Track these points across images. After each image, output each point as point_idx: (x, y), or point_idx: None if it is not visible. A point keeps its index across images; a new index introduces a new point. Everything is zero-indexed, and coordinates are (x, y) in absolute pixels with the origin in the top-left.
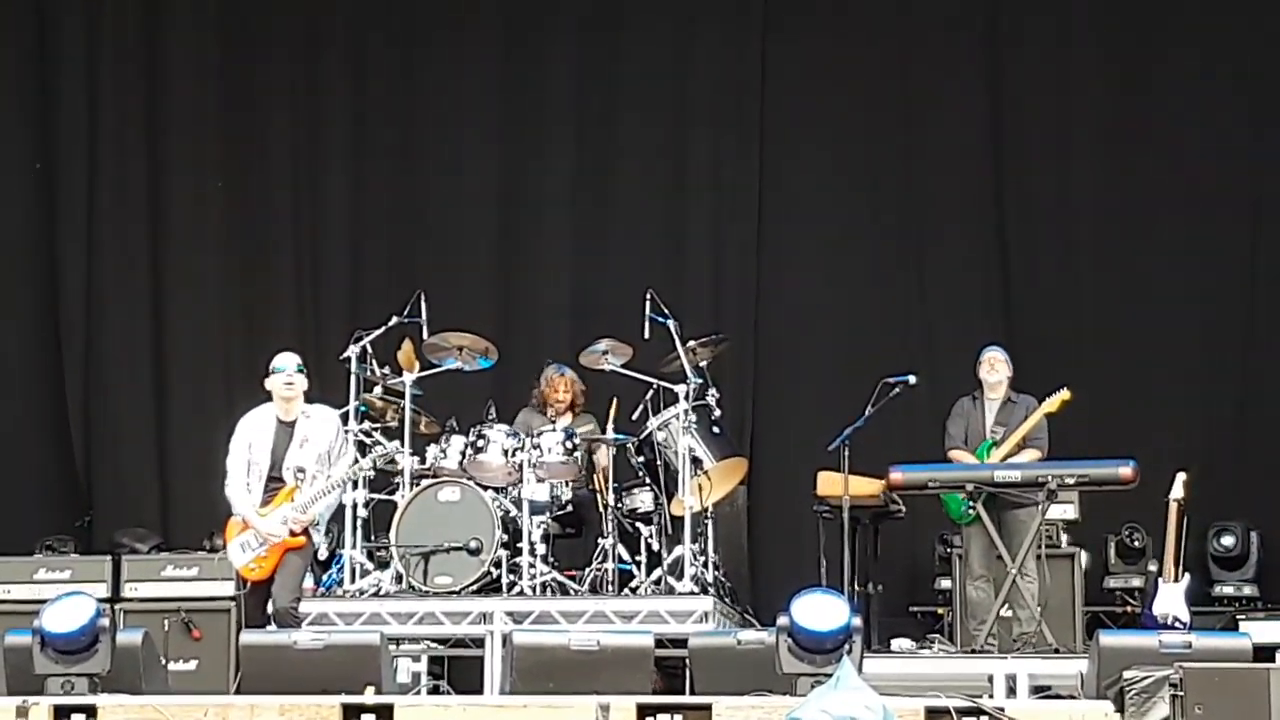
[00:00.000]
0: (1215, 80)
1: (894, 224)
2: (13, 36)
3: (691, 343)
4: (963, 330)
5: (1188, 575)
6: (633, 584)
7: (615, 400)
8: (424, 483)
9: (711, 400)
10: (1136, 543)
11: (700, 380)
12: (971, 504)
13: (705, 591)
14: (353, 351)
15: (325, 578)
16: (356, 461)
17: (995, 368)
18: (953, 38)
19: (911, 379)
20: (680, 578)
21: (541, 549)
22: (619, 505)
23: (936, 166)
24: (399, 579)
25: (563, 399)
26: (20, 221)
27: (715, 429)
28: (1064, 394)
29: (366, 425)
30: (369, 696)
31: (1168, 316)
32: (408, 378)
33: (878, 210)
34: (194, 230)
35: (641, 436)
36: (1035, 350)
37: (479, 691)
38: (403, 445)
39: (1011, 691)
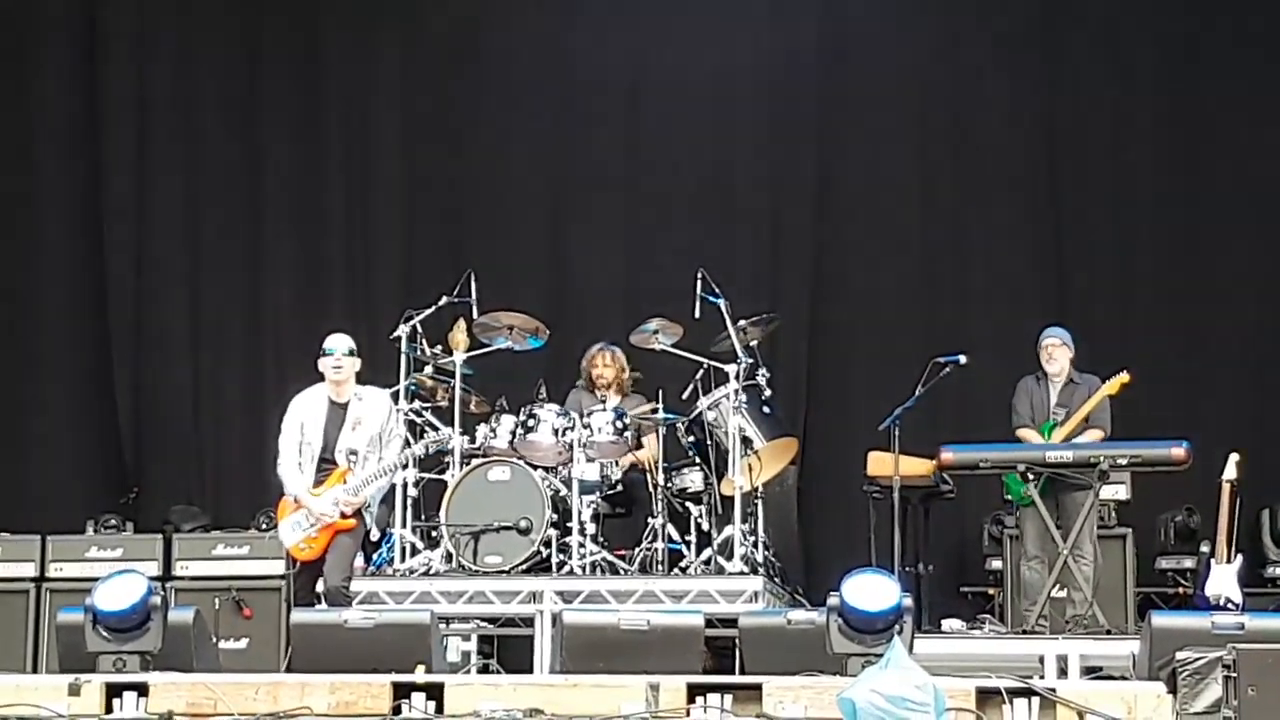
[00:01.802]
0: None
1: (948, 203)
2: (63, 20)
3: (742, 322)
4: (1015, 310)
5: (1240, 556)
6: (682, 564)
7: (631, 373)
8: (474, 462)
9: (762, 380)
10: (1189, 524)
11: (751, 360)
12: (1027, 485)
13: (755, 571)
14: (403, 331)
15: (376, 556)
16: (408, 445)
17: (1054, 356)
18: (1009, 21)
19: (962, 359)
20: (730, 557)
21: (591, 528)
22: (669, 485)
23: (991, 147)
24: (449, 558)
25: (604, 374)
26: (69, 199)
27: (765, 409)
28: (1123, 376)
29: (417, 405)
30: (419, 675)
31: (1221, 298)
32: (458, 357)
33: (932, 189)
34: (245, 209)
35: (691, 416)
36: (1089, 331)
37: (529, 670)
38: (453, 425)
39: (1063, 672)
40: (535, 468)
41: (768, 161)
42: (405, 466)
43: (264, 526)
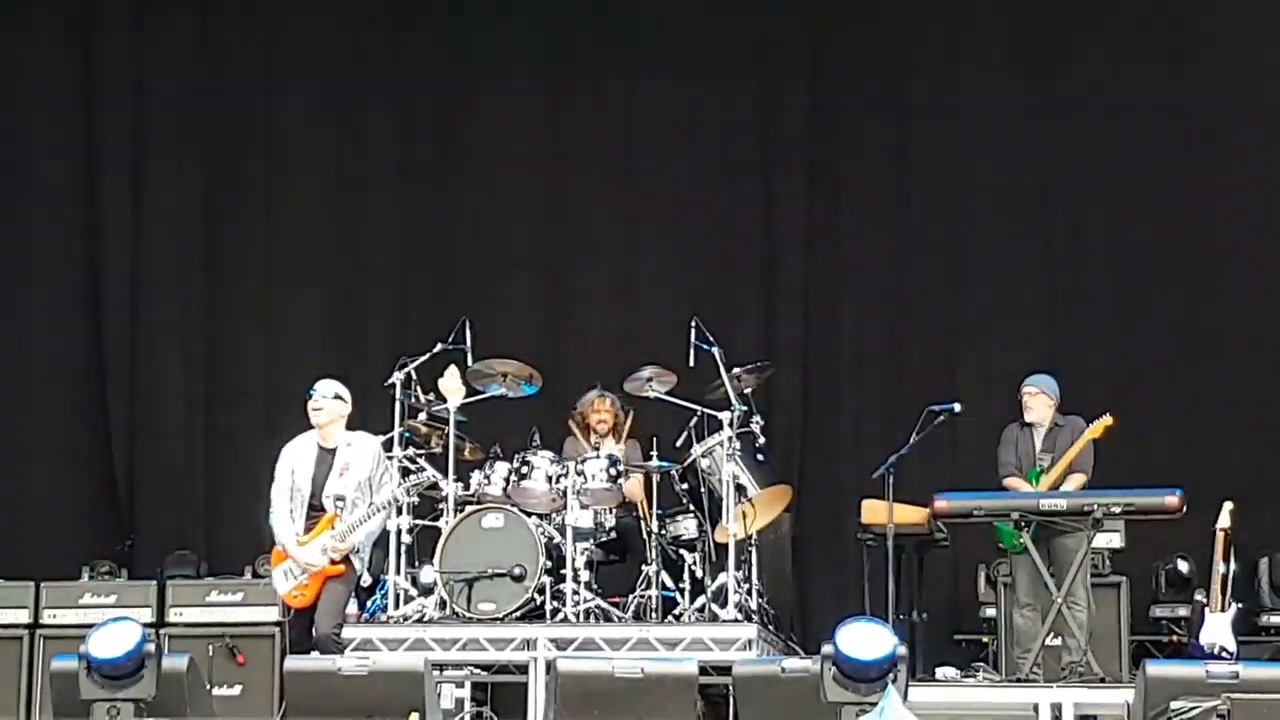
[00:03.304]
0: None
1: (940, 251)
2: (61, 49)
3: (736, 370)
4: (1009, 358)
5: (1235, 605)
6: (676, 611)
7: (631, 413)
8: (468, 509)
9: (755, 427)
10: (1179, 571)
11: (744, 407)
12: (1020, 533)
13: (749, 619)
14: (397, 378)
15: (369, 603)
16: (400, 485)
17: (1031, 405)
18: (1000, 67)
19: (956, 407)
20: (724, 605)
21: (585, 575)
22: (663, 532)
23: (982, 196)
24: (443, 605)
25: (605, 420)
26: (64, 245)
27: (759, 456)
28: (1107, 419)
29: (411, 451)
30: None
31: (1216, 345)
32: (452, 404)
33: (923, 236)
34: (238, 256)
35: (685, 464)
36: (1082, 377)
37: (523, 718)
38: (447, 472)
39: None
40: (529, 514)
41: (761, 211)
42: (399, 511)
43: (259, 573)
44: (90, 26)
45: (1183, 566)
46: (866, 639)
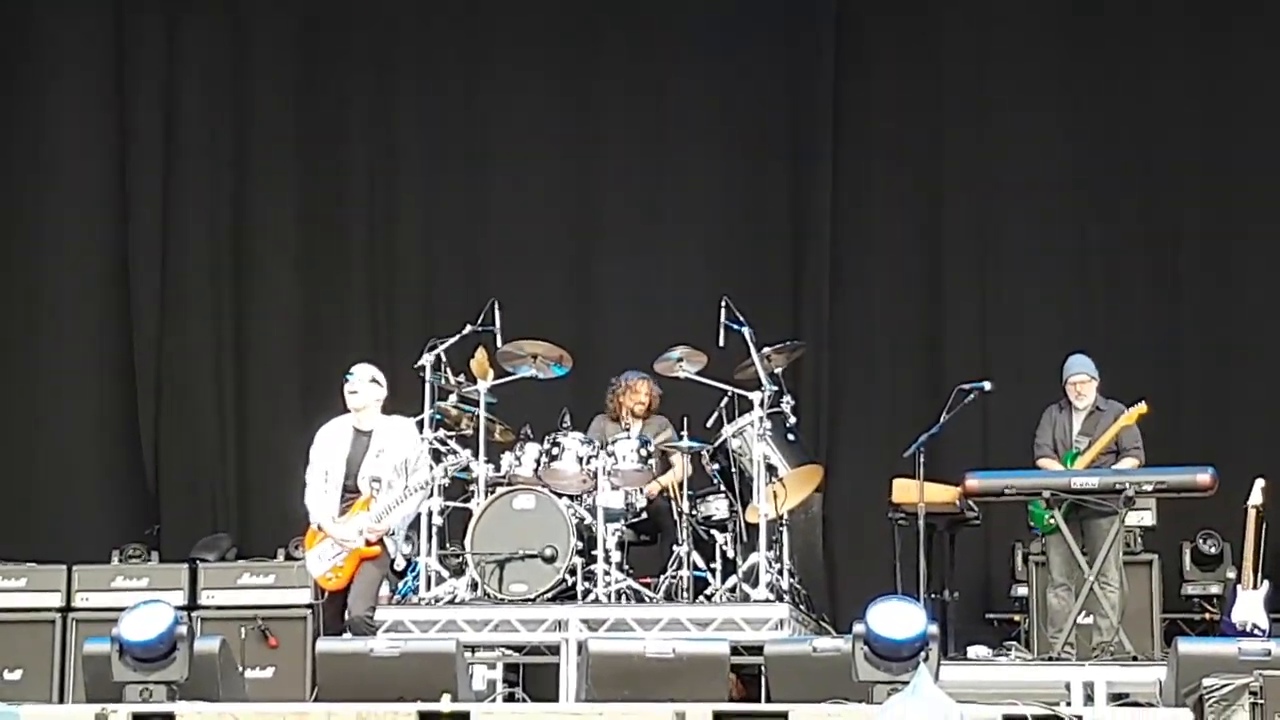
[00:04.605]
0: None
1: (970, 228)
2: (94, 58)
3: (766, 349)
4: (1040, 336)
5: (1267, 582)
6: (708, 591)
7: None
8: (499, 490)
9: (786, 407)
10: (1214, 549)
11: (775, 387)
12: (1052, 513)
13: (780, 599)
14: (428, 360)
15: (401, 585)
16: (431, 469)
17: (1082, 392)
18: (1030, 49)
19: (986, 385)
20: (755, 585)
21: (616, 556)
22: (694, 512)
23: (1011, 170)
24: (474, 586)
25: (644, 402)
26: (95, 233)
27: (790, 436)
28: (1141, 407)
29: (441, 433)
30: (445, 704)
31: (1248, 323)
32: (482, 386)
33: (952, 215)
34: (269, 240)
35: (716, 444)
36: (1113, 357)
37: (554, 699)
38: (477, 453)
39: (1089, 699)
40: (560, 496)
41: (789, 190)
42: (430, 494)
43: (289, 556)
44: (121, 19)
45: (1209, 544)
46: (898, 618)
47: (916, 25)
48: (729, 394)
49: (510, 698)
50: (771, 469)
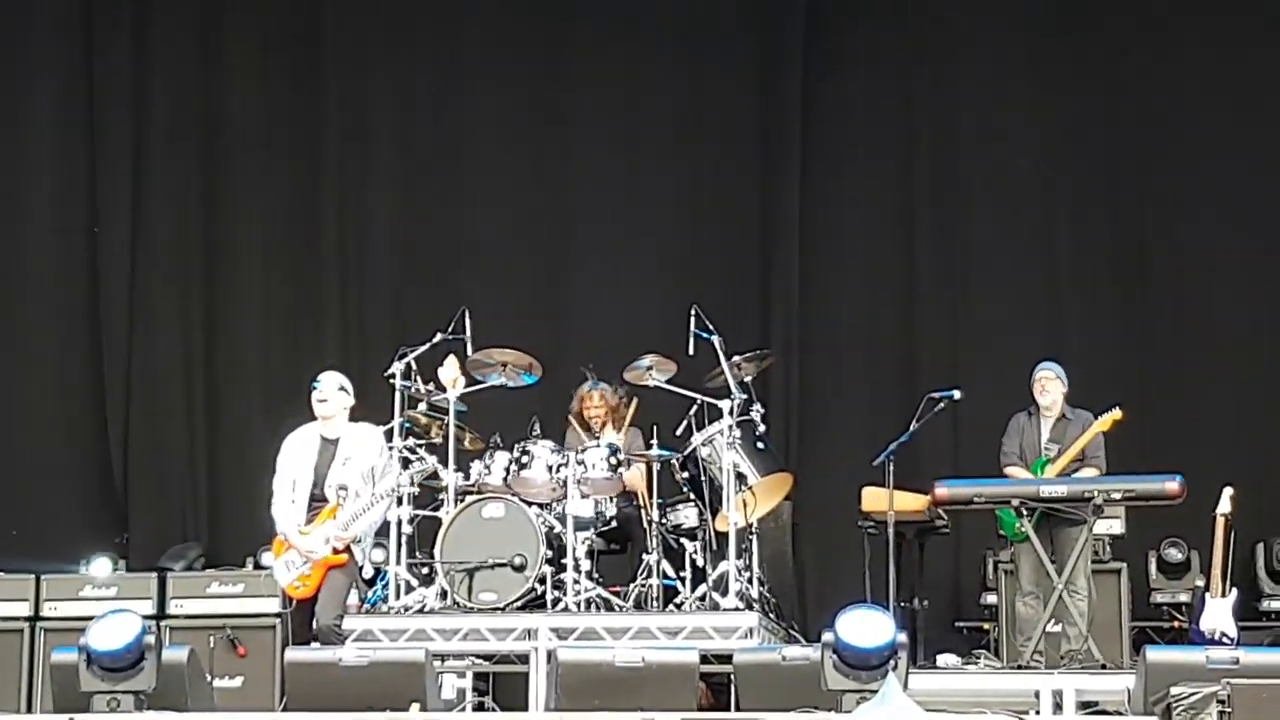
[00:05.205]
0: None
1: (941, 237)
2: (62, 52)
3: (736, 358)
4: (1008, 344)
5: (1235, 590)
6: (677, 600)
7: (635, 400)
8: (468, 499)
9: (756, 416)
10: (1181, 557)
11: (744, 396)
12: (1022, 521)
13: (750, 607)
14: (397, 368)
15: (370, 594)
16: (398, 476)
17: (1046, 388)
18: (1001, 52)
19: (956, 394)
20: (725, 594)
21: (586, 565)
22: (663, 521)
23: (983, 183)
24: (444, 595)
25: (597, 413)
26: (62, 239)
27: (760, 444)
28: (1116, 413)
29: (411, 441)
30: (414, 714)
31: (1216, 332)
32: (452, 394)
33: (922, 223)
34: (238, 247)
35: (686, 452)
36: (1083, 365)
37: (524, 708)
38: (447, 462)
39: (1058, 707)
40: (530, 504)
41: (757, 199)
42: (398, 501)
43: (259, 565)
44: (90, 21)
45: (1175, 552)
46: (867, 626)
47: (888, 28)
48: (698, 402)
49: (480, 707)
50: (741, 477)
